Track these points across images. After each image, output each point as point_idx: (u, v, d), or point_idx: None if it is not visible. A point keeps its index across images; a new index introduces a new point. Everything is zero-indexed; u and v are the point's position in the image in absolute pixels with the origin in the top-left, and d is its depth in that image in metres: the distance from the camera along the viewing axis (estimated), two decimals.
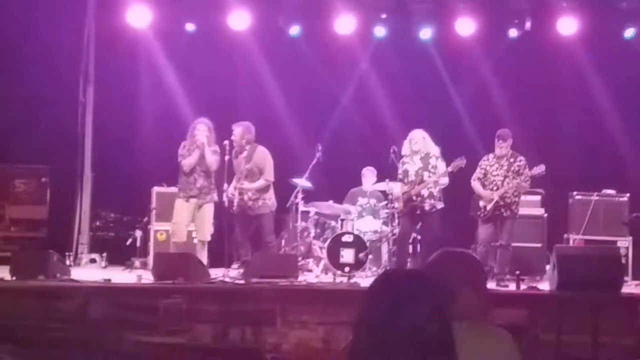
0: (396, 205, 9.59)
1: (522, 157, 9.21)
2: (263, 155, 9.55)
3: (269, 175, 9.54)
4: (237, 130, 9.47)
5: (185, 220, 9.27)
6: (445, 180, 9.19)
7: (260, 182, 9.52)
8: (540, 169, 9.00)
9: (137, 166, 11.25)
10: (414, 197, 9.21)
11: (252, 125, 9.55)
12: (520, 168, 9.12)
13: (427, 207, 9.17)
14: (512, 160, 9.17)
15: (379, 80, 11.90)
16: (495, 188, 9.15)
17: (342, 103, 12.03)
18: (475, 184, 9.31)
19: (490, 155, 9.32)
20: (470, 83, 11.81)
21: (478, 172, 9.32)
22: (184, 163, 9.27)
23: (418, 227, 9.61)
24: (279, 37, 11.48)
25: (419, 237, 9.85)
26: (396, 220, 9.80)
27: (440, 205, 9.22)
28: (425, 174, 9.19)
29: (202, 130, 9.28)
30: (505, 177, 9.11)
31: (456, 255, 2.99)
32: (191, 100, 11.45)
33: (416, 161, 9.29)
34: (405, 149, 9.40)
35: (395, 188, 9.52)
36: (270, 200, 9.59)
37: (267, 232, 9.58)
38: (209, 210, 9.34)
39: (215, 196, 9.35)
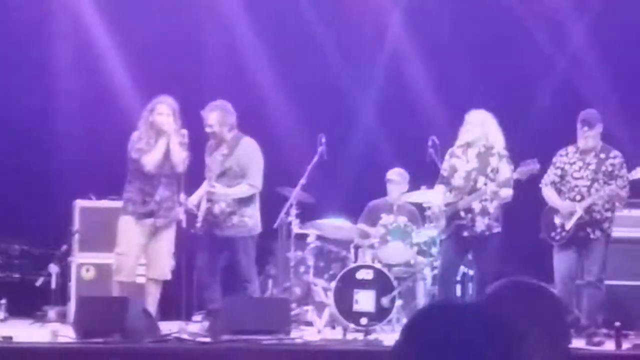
0: (435, 222, 9.68)
1: (617, 152, 9.30)
2: (249, 150, 9.61)
3: (255, 179, 9.58)
4: (213, 115, 9.50)
5: (136, 250, 9.36)
6: (507, 193, 9.20)
7: (242, 188, 9.54)
8: None
9: (51, 171, 11.47)
10: (462, 213, 9.31)
11: (230, 106, 9.65)
12: (614, 168, 9.23)
13: (478, 228, 9.21)
14: (602, 156, 9.28)
15: (413, 41, 12.11)
16: (578, 197, 9.25)
17: (357, 74, 12.21)
18: (548, 191, 9.41)
19: (570, 149, 9.41)
20: (554, 45, 11.97)
21: (552, 174, 9.41)
22: (147, 160, 9.24)
23: (469, 257, 9.73)
24: None
25: (470, 272, 9.99)
26: (437, 248, 9.95)
27: (497, 227, 9.25)
28: (481, 179, 9.22)
29: (165, 113, 9.30)
30: (594, 180, 9.22)
31: (527, 286, 3.16)
32: (132, 74, 11.64)
33: (470, 157, 9.36)
34: (460, 138, 9.46)
35: (436, 196, 9.59)
36: (251, 218, 9.62)
37: (245, 266, 9.59)
38: (169, 234, 9.45)
39: (179, 213, 9.47)
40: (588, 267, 9.21)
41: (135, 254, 9.36)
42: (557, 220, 9.28)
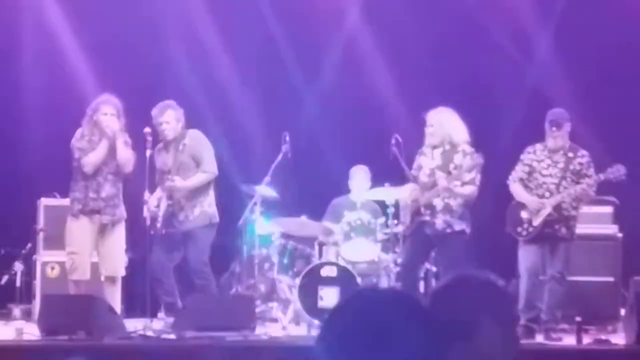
0: (402, 218, 9.70)
1: (584, 152, 9.36)
2: (198, 140, 9.70)
3: (209, 165, 9.67)
4: (170, 114, 9.60)
5: (88, 248, 9.37)
6: (468, 190, 9.25)
7: (199, 177, 9.65)
8: (617, 171, 9.13)
9: (15, 169, 11.44)
10: (422, 209, 9.35)
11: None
12: (582, 167, 9.28)
13: (439, 225, 9.26)
14: (570, 155, 9.32)
15: (375, 37, 12.13)
16: (547, 194, 9.29)
17: (320, 73, 12.25)
18: (516, 187, 9.43)
19: (538, 147, 9.44)
20: (513, 42, 12.06)
21: (520, 170, 9.43)
22: (87, 161, 9.31)
23: (432, 254, 9.77)
24: None
25: (433, 268, 10.05)
26: (401, 244, 9.98)
27: (459, 225, 9.26)
28: (442, 176, 9.24)
29: (109, 112, 9.35)
30: (562, 178, 9.26)
31: (477, 280, 3.23)
32: (96, 72, 11.62)
33: (435, 156, 9.41)
34: (426, 139, 9.48)
35: (403, 192, 9.63)
36: (210, 207, 9.74)
37: (200, 254, 9.67)
38: (119, 231, 9.48)
39: (124, 211, 9.53)
40: (552, 264, 9.23)
41: (87, 252, 9.38)
42: (524, 215, 9.28)
